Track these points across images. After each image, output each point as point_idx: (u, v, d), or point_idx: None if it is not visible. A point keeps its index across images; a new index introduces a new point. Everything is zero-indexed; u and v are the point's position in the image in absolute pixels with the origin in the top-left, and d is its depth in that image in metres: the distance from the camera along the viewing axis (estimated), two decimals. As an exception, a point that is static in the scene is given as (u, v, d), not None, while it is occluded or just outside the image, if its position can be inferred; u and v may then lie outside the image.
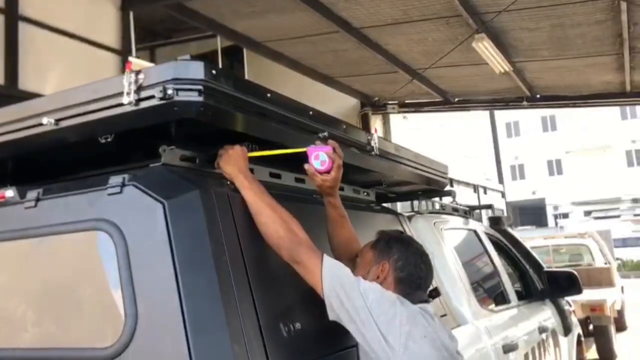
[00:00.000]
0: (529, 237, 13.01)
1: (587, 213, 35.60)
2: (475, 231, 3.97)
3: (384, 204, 3.70)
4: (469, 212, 4.24)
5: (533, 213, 38.12)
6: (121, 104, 1.71)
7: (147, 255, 1.56)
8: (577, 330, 5.40)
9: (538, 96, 10.36)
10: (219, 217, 1.64)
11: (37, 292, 1.72)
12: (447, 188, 3.75)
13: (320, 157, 1.92)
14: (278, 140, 2.01)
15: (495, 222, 4.74)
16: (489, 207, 4.97)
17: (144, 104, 1.71)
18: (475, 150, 19.09)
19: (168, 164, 1.77)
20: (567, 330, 4.79)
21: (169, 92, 1.66)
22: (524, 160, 41.23)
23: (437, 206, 3.85)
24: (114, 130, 1.79)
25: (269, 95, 1.96)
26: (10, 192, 1.88)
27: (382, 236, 1.95)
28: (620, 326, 9.63)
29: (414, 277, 1.85)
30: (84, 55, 5.66)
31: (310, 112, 2.23)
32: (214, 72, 1.73)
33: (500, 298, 3.82)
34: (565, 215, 38.69)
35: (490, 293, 3.76)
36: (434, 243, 3.12)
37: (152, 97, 1.68)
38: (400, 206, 4.67)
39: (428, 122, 13.03)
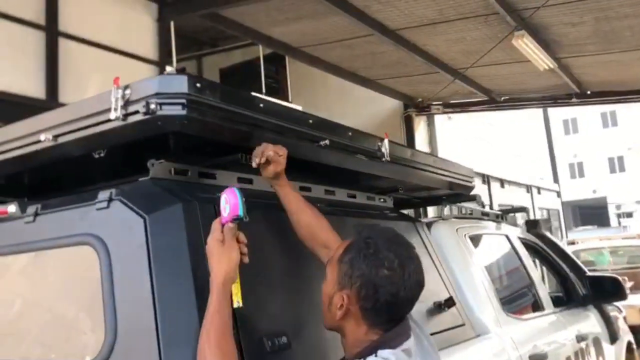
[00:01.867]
0: (583, 238, 12.55)
1: (653, 212, 34.07)
2: (506, 236, 3.84)
3: (405, 210, 3.65)
4: (501, 216, 4.11)
5: (594, 213, 36.78)
6: (109, 120, 1.74)
7: (127, 270, 1.57)
8: (628, 337, 5.15)
9: (588, 92, 9.98)
10: (203, 231, 1.63)
11: (27, 306, 1.76)
12: (474, 192, 3.64)
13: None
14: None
15: (531, 225, 4.57)
16: (523, 210, 4.77)
17: (131, 119, 1.72)
18: (529, 149, 18.54)
19: (156, 177, 1.78)
20: (613, 337, 4.57)
21: (152, 106, 1.67)
22: (583, 157, 39.84)
23: (464, 211, 3.74)
24: (105, 145, 1.82)
25: (261, 105, 1.95)
26: (12, 207, 1.93)
27: (349, 247, 1.53)
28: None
29: (384, 310, 1.46)
30: (121, 67, 5.82)
31: (310, 121, 2.20)
32: (198, 85, 1.73)
33: (532, 305, 3.69)
34: (629, 215, 37.14)
35: (520, 300, 3.63)
36: (455, 250, 3.03)
37: (137, 112, 1.70)
38: (433, 211, 4.60)
39: (475, 122, 12.75)
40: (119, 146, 1.81)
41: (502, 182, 14.50)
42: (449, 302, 2.59)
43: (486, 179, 13.57)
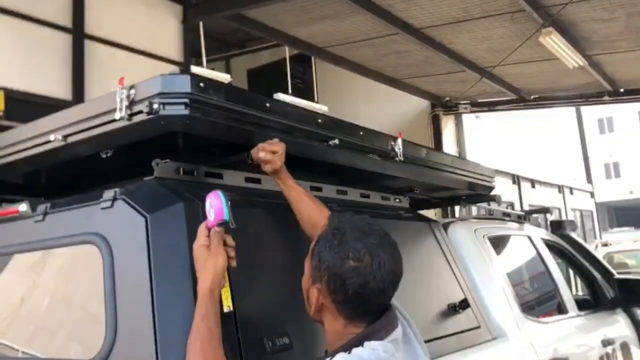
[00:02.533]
0: (617, 239, 12.23)
1: (694, 213, 33.04)
2: (529, 237, 3.76)
3: (427, 210, 3.61)
4: (524, 217, 4.02)
5: (631, 214, 35.81)
6: (115, 120, 1.75)
7: (128, 269, 1.58)
8: (660, 342, 4.99)
9: (621, 90, 9.73)
10: (205, 230, 1.63)
11: (33, 303, 1.78)
12: (494, 192, 3.58)
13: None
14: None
15: (556, 226, 4.46)
16: (546, 210, 4.66)
17: (135, 119, 1.74)
18: (562, 149, 18.18)
19: (161, 177, 1.79)
20: (644, 342, 4.43)
21: (155, 106, 1.67)
22: (619, 157, 38.84)
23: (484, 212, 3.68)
24: (112, 145, 1.84)
25: (268, 104, 1.94)
26: (23, 207, 1.96)
27: (318, 239, 1.47)
28: None
29: (357, 302, 1.39)
30: (146, 69, 5.89)
31: (319, 120, 2.18)
32: (201, 84, 1.73)
33: (555, 308, 3.60)
34: (670, 216, 36.08)
35: (542, 303, 3.54)
36: (472, 251, 2.97)
37: (141, 112, 1.71)
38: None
39: (505, 121, 12.55)
40: (126, 146, 1.83)
41: (533, 183, 14.26)
42: (463, 304, 2.54)
43: (516, 179, 13.37)
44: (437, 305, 2.48)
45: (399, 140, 2.61)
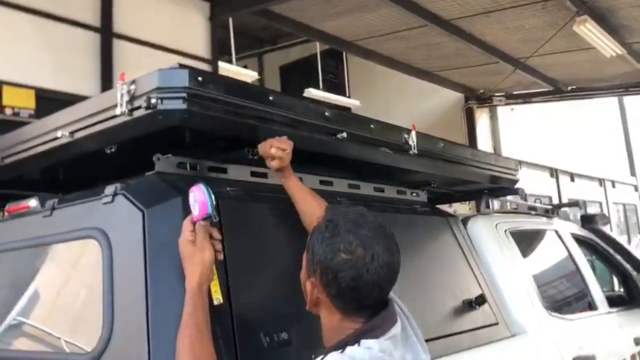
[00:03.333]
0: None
1: None
2: (556, 231, 3.65)
3: (446, 204, 3.54)
4: (552, 211, 3.91)
5: (679, 208, 34.61)
6: (116, 115, 1.76)
7: (126, 264, 1.59)
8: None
9: (664, 79, 9.37)
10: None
11: (35, 298, 1.81)
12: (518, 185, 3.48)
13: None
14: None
15: (587, 221, 4.30)
16: (575, 204, 4.50)
17: (136, 114, 1.74)
18: (603, 141, 17.62)
19: (162, 172, 1.79)
20: (682, 341, 4.26)
21: (153, 101, 1.68)
22: (667, 149, 37.49)
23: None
24: (115, 140, 1.85)
25: (271, 98, 1.92)
26: (33, 202, 1.99)
27: (312, 232, 1.43)
28: None
29: (350, 296, 1.34)
30: (174, 66, 5.94)
31: (326, 113, 2.15)
32: (199, 78, 1.73)
33: (582, 304, 3.49)
34: None
35: (568, 299, 3.44)
36: (492, 246, 2.90)
37: (140, 107, 1.71)
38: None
39: (542, 113, 12.23)
40: (128, 141, 1.84)
41: (572, 176, 13.88)
42: (480, 300, 2.48)
43: (554, 172, 13.04)
44: (452, 302, 2.43)
45: (413, 133, 2.56)
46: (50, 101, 4.89)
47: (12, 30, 5.02)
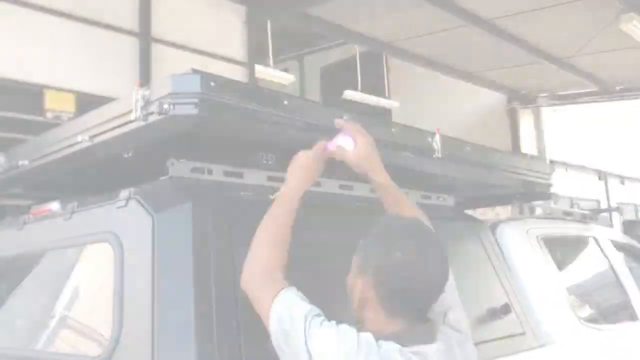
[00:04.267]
0: None
1: None
2: (594, 238, 3.52)
3: (480, 209, 3.45)
4: (589, 217, 3.77)
5: None
6: (131, 121, 1.78)
7: (136, 268, 1.60)
8: None
9: None
10: (211, 230, 1.62)
11: (48, 300, 1.85)
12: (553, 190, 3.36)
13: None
14: (302, 148, 1.94)
15: (630, 227, 4.14)
16: (616, 209, 4.33)
17: (150, 119, 1.76)
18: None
19: (176, 177, 1.80)
20: None
21: (165, 106, 1.68)
22: None
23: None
24: (131, 145, 1.87)
25: (285, 102, 1.91)
26: (55, 205, 2.04)
27: (368, 235, 1.47)
28: None
29: (401, 298, 1.37)
30: (211, 70, 6.00)
31: (344, 117, 2.12)
32: (212, 83, 1.73)
33: (622, 316, 3.34)
34: None
35: (606, 309, 3.30)
36: (522, 253, 2.81)
37: (153, 112, 1.73)
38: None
39: (590, 114, 11.83)
40: (144, 146, 1.86)
41: (622, 179, 13.40)
42: (504, 309, 2.41)
43: (602, 175, 12.61)
44: (476, 310, 2.36)
45: (437, 136, 2.50)
46: (90, 105, 5.01)
47: (54, 36, 5.19)
